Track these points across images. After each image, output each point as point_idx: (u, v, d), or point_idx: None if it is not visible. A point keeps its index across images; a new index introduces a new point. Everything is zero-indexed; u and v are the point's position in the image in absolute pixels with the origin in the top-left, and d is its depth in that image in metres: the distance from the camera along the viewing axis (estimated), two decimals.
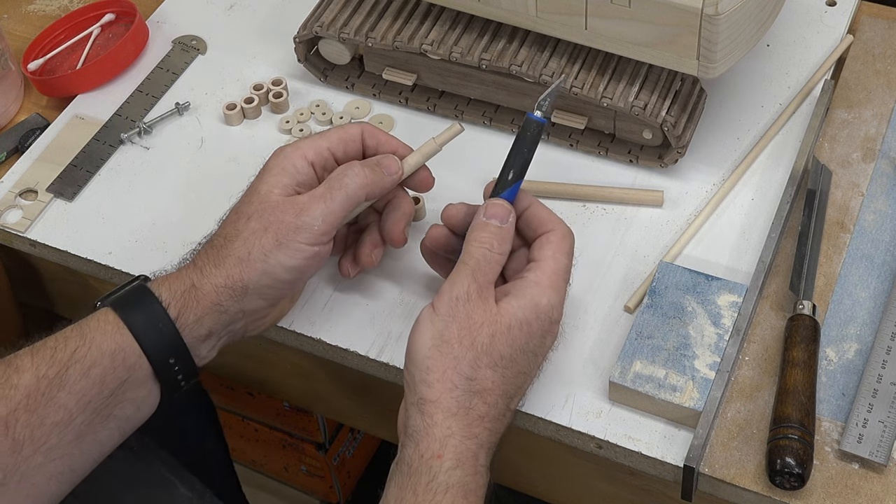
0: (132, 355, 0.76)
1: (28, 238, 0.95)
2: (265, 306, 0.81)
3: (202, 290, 0.78)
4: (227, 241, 0.79)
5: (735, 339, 0.82)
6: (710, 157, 0.95)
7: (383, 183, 0.82)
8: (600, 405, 0.82)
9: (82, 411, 0.75)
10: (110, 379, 0.75)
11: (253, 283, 0.78)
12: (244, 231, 0.79)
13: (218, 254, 0.79)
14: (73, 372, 0.74)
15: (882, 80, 0.98)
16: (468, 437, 0.73)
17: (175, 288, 0.78)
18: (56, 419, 0.74)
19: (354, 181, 0.80)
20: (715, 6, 0.82)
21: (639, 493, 0.87)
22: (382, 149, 0.84)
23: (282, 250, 0.78)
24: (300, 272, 0.79)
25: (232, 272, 0.78)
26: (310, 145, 0.82)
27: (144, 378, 0.77)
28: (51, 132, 1.02)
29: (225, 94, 1.04)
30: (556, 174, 0.95)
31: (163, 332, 0.77)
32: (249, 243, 0.78)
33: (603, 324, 0.86)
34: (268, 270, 0.78)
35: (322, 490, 1.41)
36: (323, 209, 0.79)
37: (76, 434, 0.75)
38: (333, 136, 0.83)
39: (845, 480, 0.77)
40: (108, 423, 0.76)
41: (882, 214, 0.90)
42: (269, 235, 0.78)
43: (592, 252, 0.90)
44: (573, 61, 0.92)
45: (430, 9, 0.97)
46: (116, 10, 1.10)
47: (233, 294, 0.78)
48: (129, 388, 0.76)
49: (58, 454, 0.74)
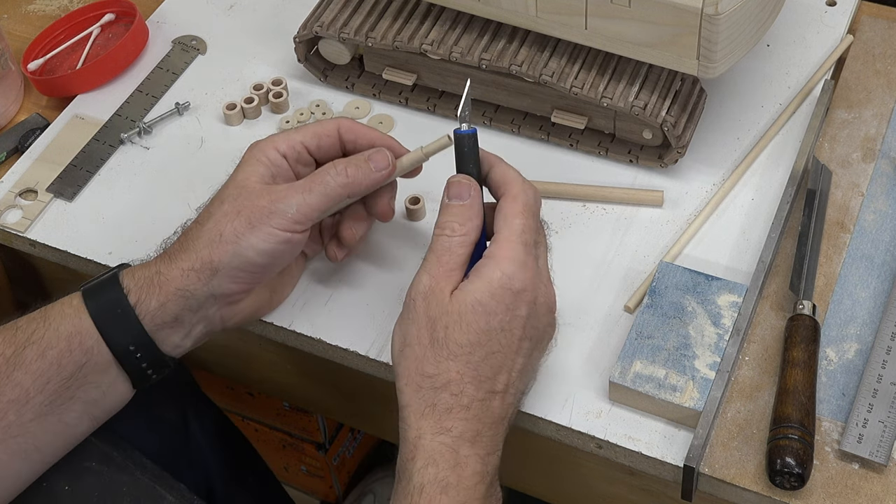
0: (89, 339, 0.77)
1: (28, 238, 0.95)
2: (237, 290, 0.80)
3: (167, 276, 0.78)
4: (199, 225, 0.80)
5: (735, 339, 0.82)
6: (710, 157, 0.95)
7: (368, 180, 0.81)
8: (600, 405, 0.82)
9: (40, 391, 0.76)
10: (66, 361, 0.77)
11: (223, 265, 0.78)
12: (216, 213, 0.79)
13: (189, 237, 0.80)
14: (30, 352, 0.77)
15: (882, 80, 0.98)
16: (439, 432, 0.72)
17: (139, 275, 0.79)
18: (12, 396, 0.76)
19: (336, 180, 0.80)
20: (715, 6, 0.82)
21: (639, 493, 0.87)
22: (361, 142, 0.83)
23: (254, 233, 0.78)
24: (272, 256, 0.79)
25: (201, 253, 0.78)
26: (282, 139, 0.82)
27: (105, 364, 0.78)
28: (51, 132, 1.02)
29: (225, 94, 1.04)
30: (556, 174, 0.95)
31: (120, 317, 0.78)
32: (221, 225, 0.78)
33: (603, 324, 0.86)
34: (239, 252, 0.78)
35: (322, 490, 1.41)
36: (299, 199, 0.79)
37: (36, 413, 0.76)
38: (307, 130, 0.83)
39: (845, 480, 0.77)
40: (73, 406, 0.78)
41: (882, 214, 0.90)
42: (242, 218, 0.78)
43: (592, 252, 0.90)
44: (573, 61, 0.92)
45: (430, 9, 0.97)
46: (116, 10, 1.10)
47: (200, 276, 0.78)
48: (90, 371, 0.78)
49: (17, 431, 0.76)
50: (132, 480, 0.86)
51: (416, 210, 0.93)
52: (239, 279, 0.80)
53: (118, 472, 0.86)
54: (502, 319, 0.74)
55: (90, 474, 0.85)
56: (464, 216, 0.77)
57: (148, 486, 0.86)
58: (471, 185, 0.78)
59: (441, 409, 0.73)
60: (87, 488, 0.84)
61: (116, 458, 0.87)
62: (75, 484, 0.84)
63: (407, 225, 0.93)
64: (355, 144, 0.84)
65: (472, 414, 0.73)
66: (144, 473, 0.87)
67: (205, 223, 0.79)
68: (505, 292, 0.74)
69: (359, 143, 0.84)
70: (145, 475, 0.87)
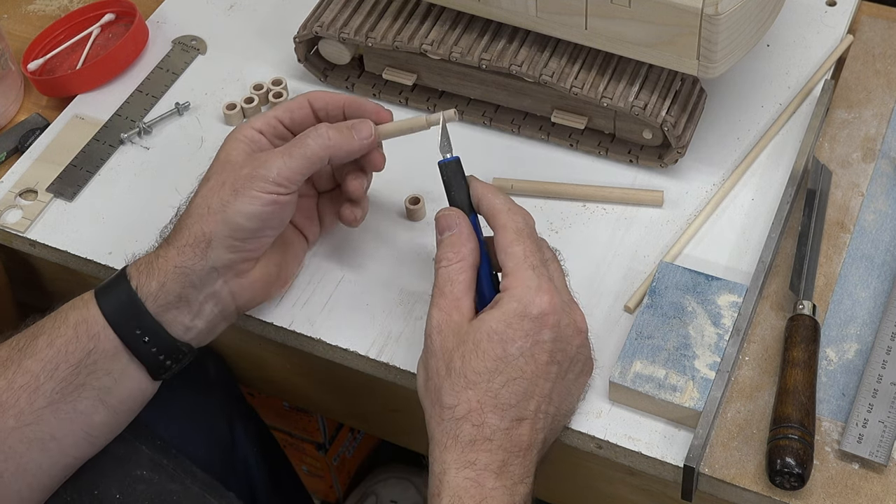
0: (95, 326, 0.78)
1: (28, 238, 0.95)
2: (237, 260, 0.81)
3: (164, 257, 0.80)
4: (188, 206, 0.81)
5: (735, 339, 0.82)
6: (710, 157, 0.95)
7: (350, 146, 0.82)
8: (600, 405, 0.82)
9: (49, 378, 0.77)
10: (73, 348, 0.78)
11: (216, 234, 0.79)
12: (202, 189, 0.81)
13: (181, 219, 0.81)
14: (40, 342, 0.78)
15: (882, 80, 0.98)
16: (463, 465, 0.72)
17: (141, 262, 0.81)
18: (22, 383, 0.77)
19: (317, 142, 0.80)
20: (715, 6, 0.82)
21: (639, 493, 0.87)
22: (331, 107, 0.84)
23: (238, 198, 0.79)
24: (260, 219, 0.80)
25: (193, 229, 0.79)
26: (257, 118, 0.84)
27: (114, 350, 0.79)
28: (51, 132, 1.02)
29: (225, 94, 1.04)
30: (556, 174, 0.95)
31: (124, 302, 0.79)
32: (207, 199, 0.80)
33: (603, 324, 0.86)
34: (227, 219, 0.79)
35: (322, 490, 1.41)
36: (279, 163, 0.79)
37: (48, 400, 0.77)
38: (280, 107, 0.85)
39: (845, 480, 0.77)
40: (84, 393, 0.78)
41: (882, 214, 0.90)
42: (227, 187, 0.79)
43: (592, 252, 0.90)
44: (573, 61, 0.92)
45: (430, 9, 0.97)
46: (116, 10, 1.10)
47: (195, 251, 0.79)
48: (99, 358, 0.78)
49: (30, 418, 0.77)
50: (183, 489, 0.86)
51: (416, 210, 0.93)
52: (234, 248, 0.80)
53: (169, 481, 0.86)
54: (522, 346, 0.74)
55: (141, 482, 0.85)
56: (456, 244, 0.78)
57: (198, 494, 0.86)
58: (455, 214, 0.79)
59: (464, 441, 0.73)
60: (138, 496, 0.84)
61: (167, 467, 0.87)
62: (127, 492, 0.84)
63: (407, 225, 0.93)
64: (326, 111, 0.85)
65: (497, 444, 0.73)
66: (195, 482, 0.88)
67: (193, 201, 0.81)
68: (522, 320, 0.74)
69: (330, 109, 0.85)
70: (195, 483, 0.87)
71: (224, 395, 1.03)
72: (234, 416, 1.02)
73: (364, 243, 0.92)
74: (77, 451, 0.80)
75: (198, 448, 0.95)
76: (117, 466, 0.84)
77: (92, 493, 0.83)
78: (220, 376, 1.03)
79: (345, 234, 0.92)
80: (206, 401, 0.95)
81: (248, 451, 1.02)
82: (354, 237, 0.92)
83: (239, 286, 0.82)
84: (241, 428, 1.02)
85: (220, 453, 0.99)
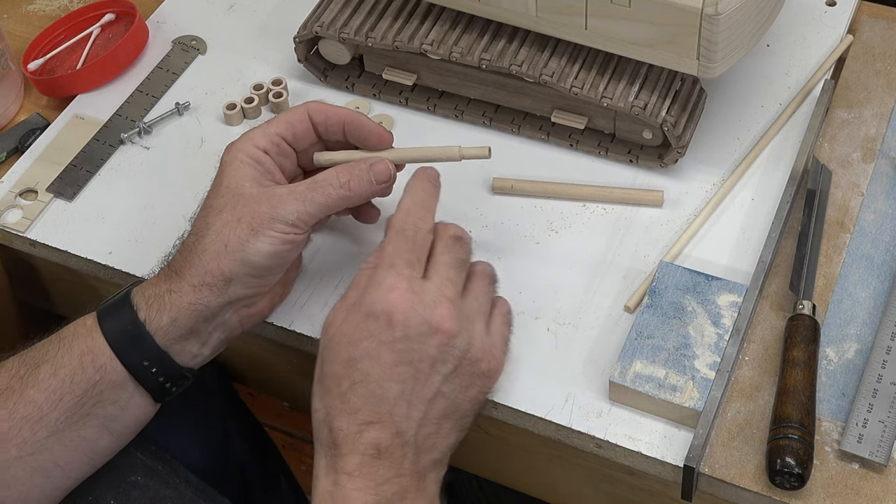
0: (101, 357, 0.77)
1: (28, 238, 0.95)
2: (251, 294, 0.81)
3: (178, 293, 0.78)
4: (199, 237, 0.79)
5: (735, 339, 0.82)
6: (710, 157, 0.95)
7: (368, 193, 0.82)
8: (600, 405, 0.82)
9: (53, 409, 0.76)
10: (79, 379, 0.77)
11: (235, 274, 0.78)
12: (216, 223, 0.79)
13: (192, 251, 0.79)
14: (43, 371, 0.77)
15: (882, 80, 0.98)
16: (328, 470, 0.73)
17: (149, 293, 0.79)
18: (25, 413, 0.76)
19: (338, 192, 0.80)
20: (715, 6, 0.82)
21: (639, 493, 0.87)
22: (331, 121, 0.84)
23: (258, 237, 0.78)
24: (279, 258, 0.80)
25: (209, 267, 0.78)
26: (258, 134, 0.83)
27: (120, 380, 0.78)
28: (51, 132, 1.02)
29: (225, 94, 1.04)
30: (556, 174, 0.95)
31: (132, 334, 0.78)
32: (224, 235, 0.78)
33: (603, 324, 0.86)
34: (246, 259, 0.78)
35: None
36: (299, 208, 0.79)
37: (51, 430, 0.77)
38: (280, 121, 0.83)
39: (845, 480, 0.77)
40: (90, 422, 0.78)
41: (882, 214, 0.90)
42: (244, 225, 0.78)
43: (592, 252, 0.90)
44: (573, 61, 0.92)
45: (430, 9, 0.97)
46: (116, 10, 1.10)
47: (213, 290, 0.78)
48: (105, 388, 0.78)
49: (33, 448, 0.76)
50: (177, 495, 0.86)
51: None
52: (251, 284, 0.80)
53: (163, 487, 0.86)
54: (367, 346, 0.73)
55: (135, 488, 0.85)
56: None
57: (192, 500, 0.86)
58: None
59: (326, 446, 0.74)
60: (132, 502, 0.84)
61: (161, 473, 0.87)
62: (121, 498, 0.84)
63: None
64: (326, 126, 0.84)
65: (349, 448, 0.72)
66: (189, 488, 0.88)
67: (205, 235, 0.79)
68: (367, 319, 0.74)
69: (329, 124, 0.84)
70: (189, 489, 0.87)
71: (219, 397, 1.02)
72: (229, 417, 1.02)
73: (364, 244, 0.92)
74: (79, 473, 0.80)
75: (192, 450, 0.95)
76: (111, 473, 0.83)
77: (86, 499, 0.82)
78: (214, 379, 1.03)
79: (345, 235, 0.92)
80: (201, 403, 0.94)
81: (242, 451, 1.02)
82: (354, 237, 0.92)
83: (248, 314, 0.83)
84: (234, 428, 1.02)
85: (214, 455, 0.99)
